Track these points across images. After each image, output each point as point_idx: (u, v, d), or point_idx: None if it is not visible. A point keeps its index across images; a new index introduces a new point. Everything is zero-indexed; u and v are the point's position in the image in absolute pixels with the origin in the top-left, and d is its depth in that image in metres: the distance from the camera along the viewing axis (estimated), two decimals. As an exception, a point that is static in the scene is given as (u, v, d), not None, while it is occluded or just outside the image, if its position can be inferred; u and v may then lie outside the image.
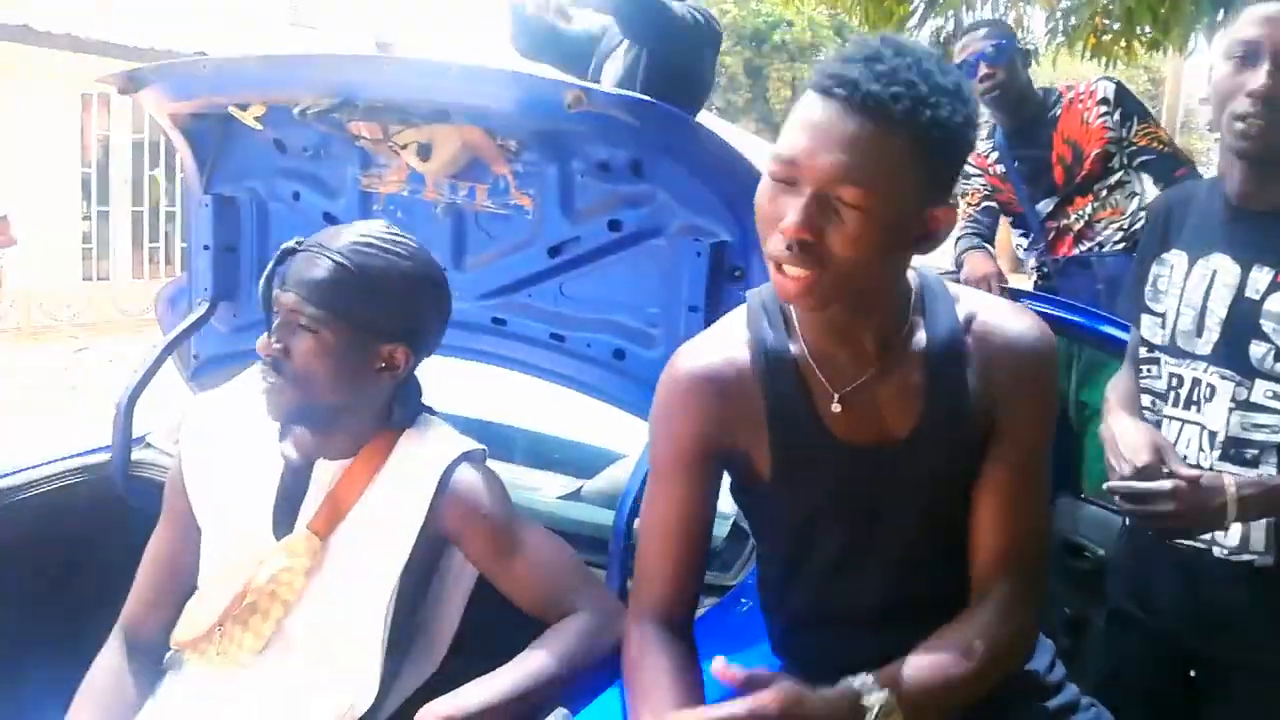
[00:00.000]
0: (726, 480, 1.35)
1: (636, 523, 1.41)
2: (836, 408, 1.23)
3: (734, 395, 1.27)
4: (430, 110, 1.79)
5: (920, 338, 1.24)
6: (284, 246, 1.45)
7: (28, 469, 2.10)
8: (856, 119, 1.05)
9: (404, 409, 1.54)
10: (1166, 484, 1.47)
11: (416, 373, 1.57)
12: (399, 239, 1.47)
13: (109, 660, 1.56)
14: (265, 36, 11.95)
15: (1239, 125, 1.50)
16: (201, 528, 1.55)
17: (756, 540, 1.51)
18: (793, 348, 1.26)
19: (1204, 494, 1.47)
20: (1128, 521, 1.78)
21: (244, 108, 1.96)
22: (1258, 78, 1.46)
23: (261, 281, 1.45)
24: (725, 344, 1.30)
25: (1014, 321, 1.24)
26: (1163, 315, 1.68)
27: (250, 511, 1.50)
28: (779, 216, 1.09)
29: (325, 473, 1.49)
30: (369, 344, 1.44)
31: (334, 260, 1.40)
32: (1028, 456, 1.25)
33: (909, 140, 1.06)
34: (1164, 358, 1.68)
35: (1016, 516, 1.24)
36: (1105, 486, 1.56)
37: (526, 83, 1.64)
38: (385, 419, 1.51)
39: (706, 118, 3.41)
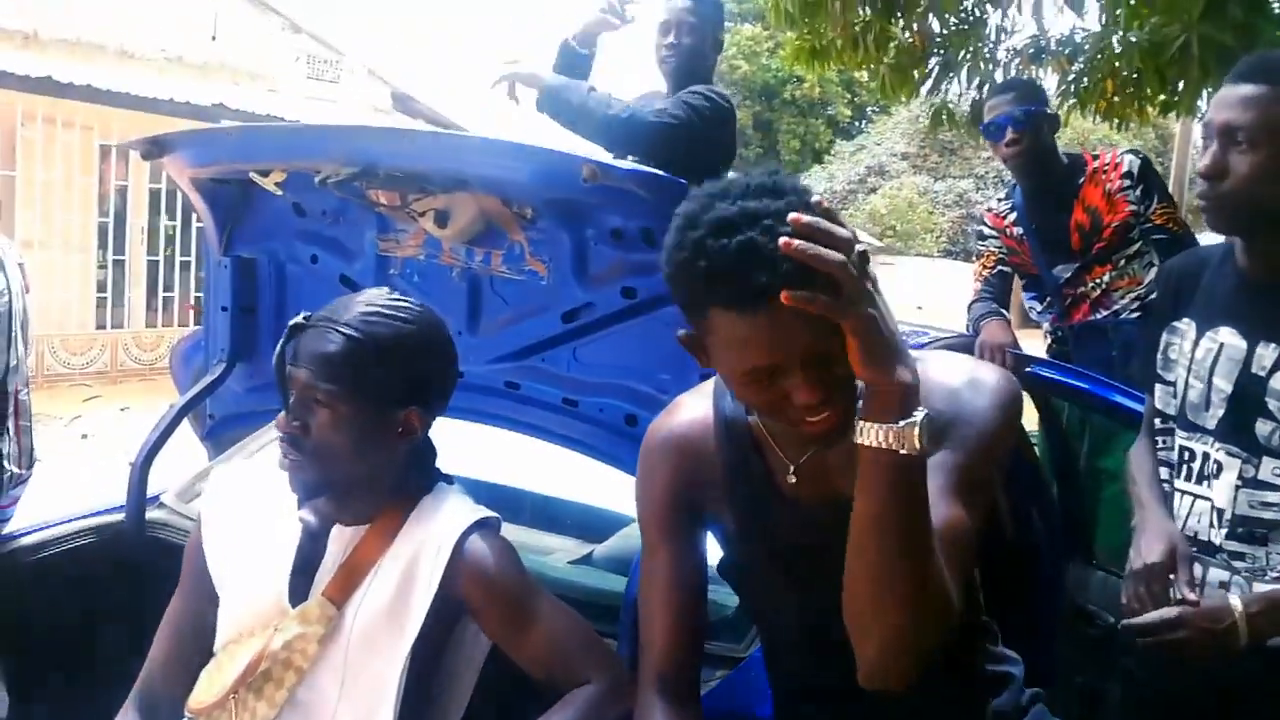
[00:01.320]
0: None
1: None
2: (792, 479, 1.26)
3: (699, 458, 1.31)
4: (449, 180, 1.83)
5: None
6: (293, 322, 1.48)
7: (42, 529, 2.11)
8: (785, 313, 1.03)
9: (420, 475, 1.55)
10: (1172, 611, 1.48)
11: (431, 436, 1.59)
12: (403, 305, 1.50)
13: None
14: (284, 97, 12.11)
15: (1197, 202, 1.58)
16: (219, 594, 1.56)
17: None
18: (750, 418, 1.29)
19: (1211, 618, 1.47)
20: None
21: (265, 173, 2.00)
22: (1204, 157, 1.55)
23: (274, 358, 1.47)
24: (694, 409, 1.35)
25: (971, 372, 1.24)
26: (1173, 385, 1.69)
27: (267, 579, 1.51)
28: (782, 395, 1.10)
29: (341, 539, 1.51)
30: (385, 412, 1.46)
31: (343, 334, 1.42)
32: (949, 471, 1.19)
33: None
34: (1176, 430, 1.69)
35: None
36: (1120, 625, 1.54)
37: (545, 157, 1.67)
38: (402, 485, 1.52)
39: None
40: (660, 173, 1.60)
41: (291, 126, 2.04)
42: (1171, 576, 1.53)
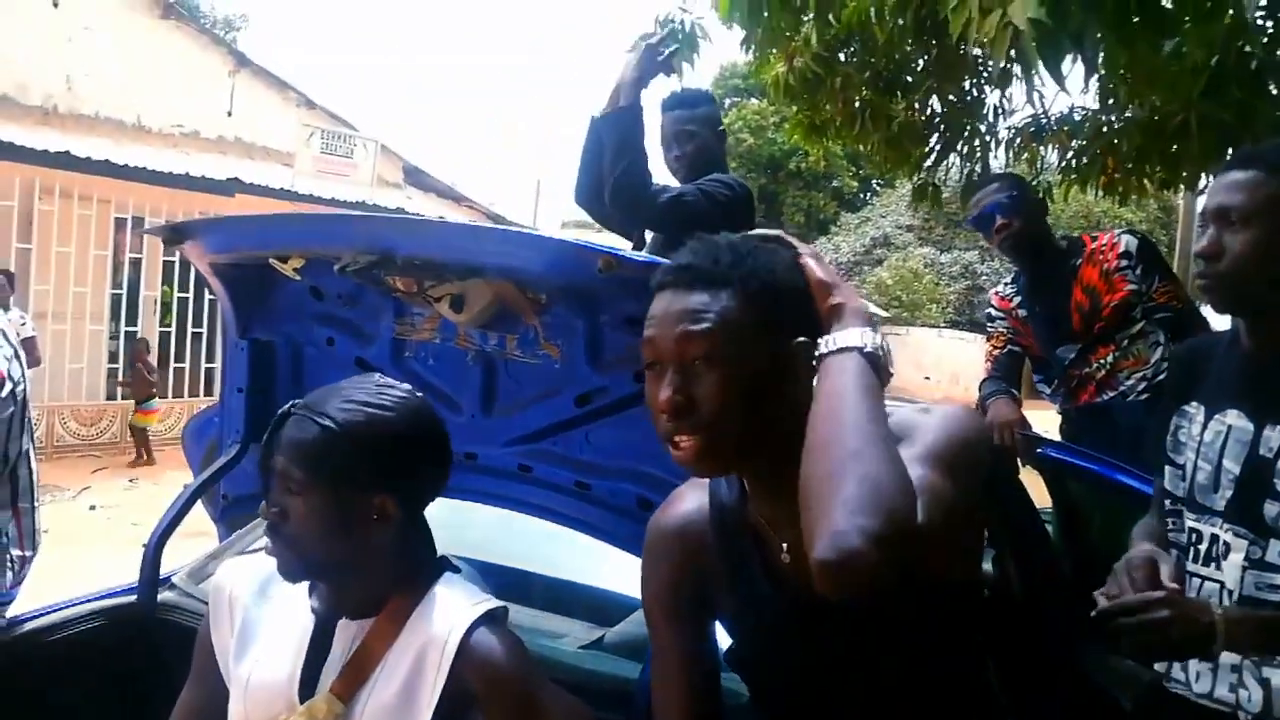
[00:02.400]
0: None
1: None
2: (786, 558, 1.26)
3: (699, 548, 1.33)
4: (466, 267, 1.86)
5: None
6: (280, 411, 1.50)
7: (52, 611, 2.11)
8: (684, 294, 1.19)
9: (418, 564, 1.54)
10: (1157, 593, 1.46)
11: (427, 523, 1.59)
12: (387, 393, 1.50)
13: None
14: (298, 172, 12.29)
15: (1196, 283, 1.64)
16: (230, 687, 1.55)
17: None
18: (744, 505, 1.31)
19: (1195, 608, 1.46)
20: (1151, 675, 1.76)
21: (284, 259, 2.03)
22: (1201, 240, 1.61)
23: (263, 444, 1.49)
24: (691, 499, 1.37)
25: (921, 417, 1.25)
26: (1183, 468, 1.70)
27: (278, 671, 1.50)
28: (656, 399, 1.19)
29: (348, 631, 1.50)
30: (356, 499, 1.46)
31: (318, 423, 1.44)
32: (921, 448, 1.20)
33: (729, 291, 1.17)
34: (1185, 511, 1.69)
35: None
36: (1096, 611, 1.49)
37: (562, 248, 1.71)
38: (402, 575, 1.52)
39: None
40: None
41: (311, 215, 2.07)
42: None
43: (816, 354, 1.17)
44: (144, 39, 11.85)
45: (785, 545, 1.25)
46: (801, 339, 1.18)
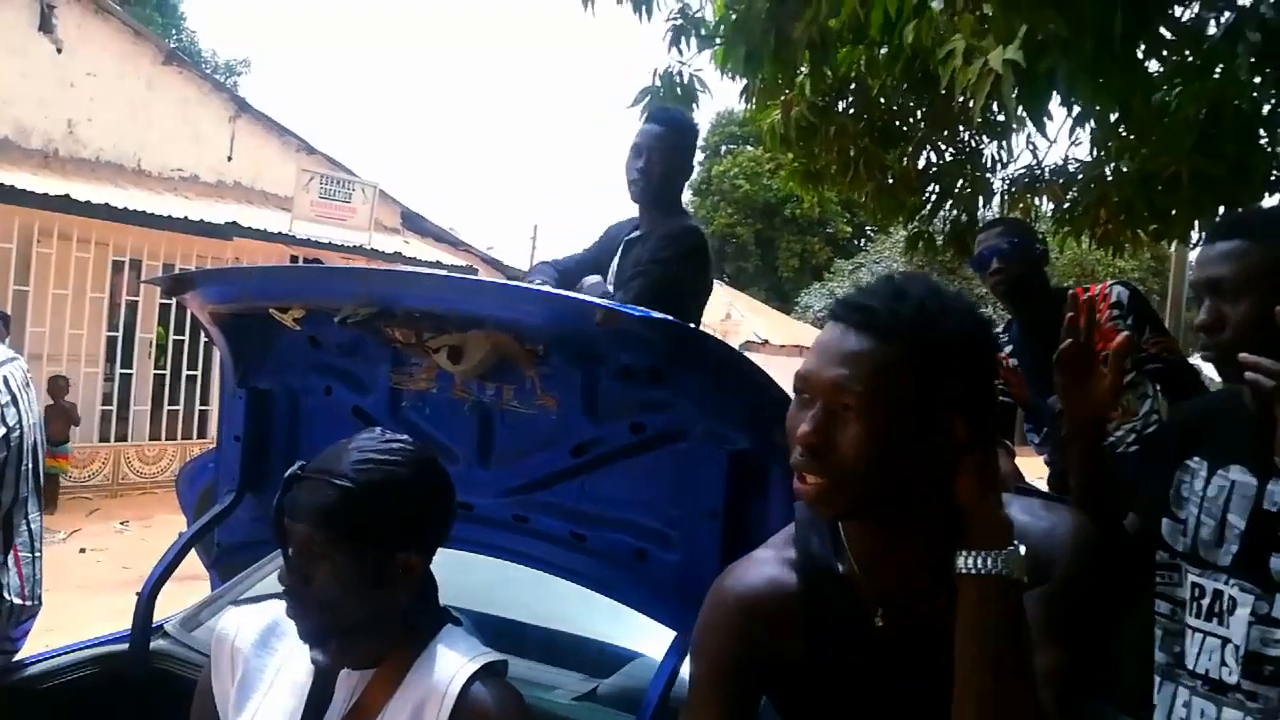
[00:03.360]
0: None
1: None
2: (879, 622, 1.23)
3: (774, 613, 1.28)
4: (465, 319, 1.87)
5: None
6: (289, 474, 1.49)
7: (44, 659, 2.09)
8: (854, 335, 1.15)
9: (424, 615, 1.54)
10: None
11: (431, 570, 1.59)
12: (395, 447, 1.50)
13: None
14: (296, 216, 12.36)
15: (1201, 354, 1.67)
16: None
17: None
18: (840, 565, 1.27)
19: None
20: None
21: (284, 310, 2.05)
22: (1201, 313, 1.65)
23: (273, 510, 1.49)
24: (769, 562, 1.32)
25: (1046, 514, 1.26)
26: (1184, 522, 1.70)
27: None
28: (796, 428, 1.16)
29: (349, 683, 1.50)
30: (384, 558, 1.46)
31: (338, 485, 1.43)
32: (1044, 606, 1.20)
33: (900, 348, 1.12)
34: (1185, 566, 1.69)
35: None
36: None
37: (561, 302, 1.72)
38: (408, 628, 1.52)
39: (717, 288, 3.54)
40: (669, 318, 1.64)
41: (312, 268, 2.09)
42: None
43: (960, 566, 1.13)
44: (145, 84, 11.97)
45: (880, 610, 1.23)
46: (959, 414, 1.14)
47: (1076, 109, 3.40)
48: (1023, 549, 1.11)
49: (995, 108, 4.52)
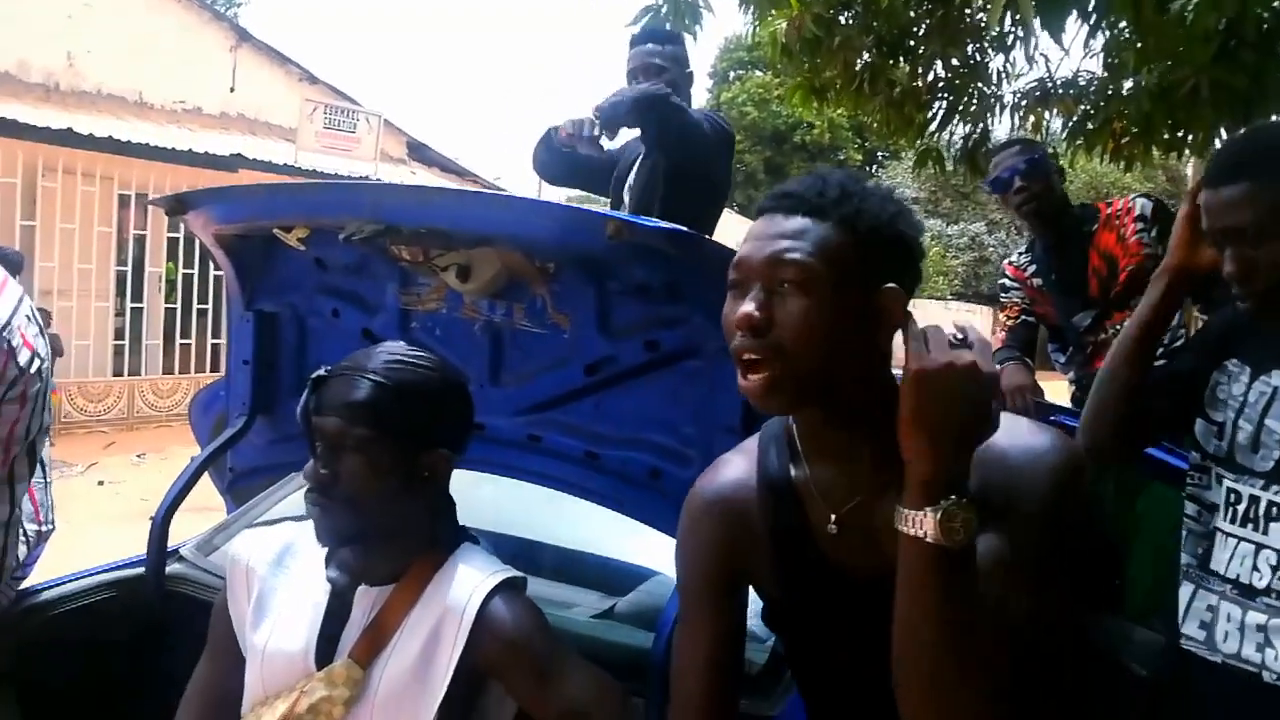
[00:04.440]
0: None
1: None
2: (832, 529, 1.21)
3: (741, 519, 1.27)
4: (472, 236, 1.83)
5: None
6: (315, 375, 1.49)
7: (60, 584, 2.10)
8: (783, 218, 1.15)
9: (444, 530, 1.54)
10: None
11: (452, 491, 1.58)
12: (422, 354, 1.53)
13: None
14: (301, 147, 12.25)
15: (1239, 303, 1.62)
16: (246, 657, 1.55)
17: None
18: (795, 471, 1.26)
19: None
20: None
21: (288, 229, 2.01)
22: (1228, 263, 1.59)
23: (299, 411, 1.48)
24: (735, 467, 1.32)
25: (1028, 438, 1.15)
26: (1220, 425, 1.67)
27: (293, 640, 1.49)
28: (734, 315, 1.13)
29: (367, 599, 1.49)
30: (414, 455, 1.47)
31: (371, 380, 1.44)
32: (1023, 551, 1.11)
33: (838, 226, 1.12)
34: (1217, 470, 1.67)
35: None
36: None
37: (569, 214, 1.68)
38: (426, 541, 1.51)
39: (727, 216, 3.51)
40: (685, 229, 1.60)
41: (316, 184, 2.04)
42: None
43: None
44: (144, 15, 11.78)
45: (833, 516, 1.21)
46: (894, 285, 1.12)
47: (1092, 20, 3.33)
48: (960, 503, 0.99)
49: (1009, 20, 4.44)
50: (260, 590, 1.56)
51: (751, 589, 1.32)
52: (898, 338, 1.13)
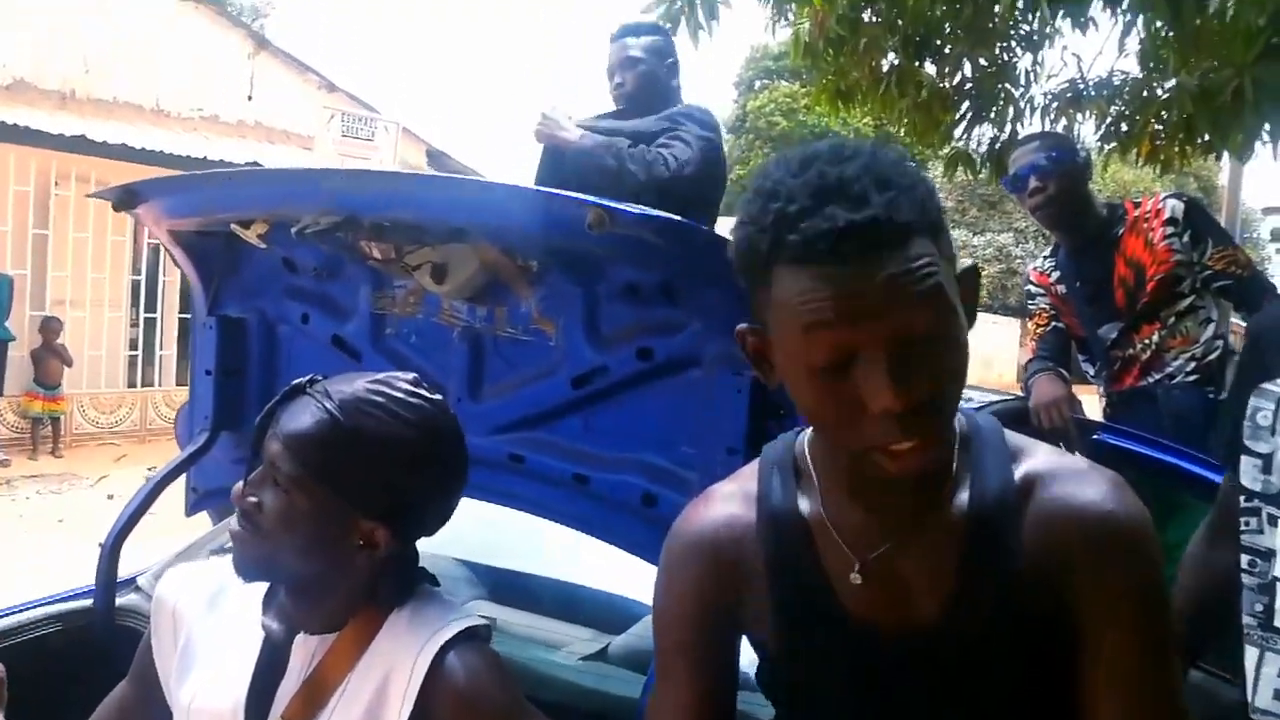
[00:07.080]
0: None
1: None
2: (856, 579, 0.99)
3: (736, 561, 1.05)
4: (444, 229, 1.63)
5: (963, 498, 0.99)
6: (294, 383, 1.27)
7: (6, 615, 1.92)
8: (892, 249, 0.85)
9: (394, 585, 1.31)
10: None
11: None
12: (414, 403, 1.26)
13: None
14: (319, 156, 12.14)
15: None
16: (171, 708, 1.34)
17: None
18: (805, 507, 1.04)
19: None
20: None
21: (246, 224, 1.82)
22: None
23: (260, 415, 1.27)
24: (731, 499, 1.09)
25: (1087, 488, 0.97)
26: (1265, 458, 1.44)
27: (222, 697, 1.29)
28: (857, 399, 0.86)
29: (305, 650, 1.28)
30: (346, 517, 1.23)
31: (327, 413, 1.21)
32: (1131, 658, 0.95)
33: (929, 232, 0.88)
34: (1269, 510, 1.44)
35: None
36: None
37: (544, 201, 1.48)
38: (372, 594, 1.29)
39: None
40: (677, 218, 1.39)
41: (272, 172, 1.86)
42: None
43: None
44: (162, 22, 11.70)
45: (859, 565, 0.99)
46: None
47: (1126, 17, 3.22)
48: None
49: (1032, 18, 4.28)
50: (188, 637, 1.36)
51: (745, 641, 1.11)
52: None
